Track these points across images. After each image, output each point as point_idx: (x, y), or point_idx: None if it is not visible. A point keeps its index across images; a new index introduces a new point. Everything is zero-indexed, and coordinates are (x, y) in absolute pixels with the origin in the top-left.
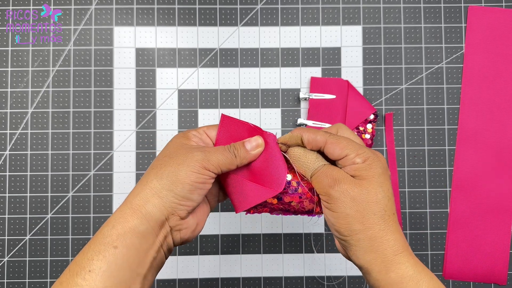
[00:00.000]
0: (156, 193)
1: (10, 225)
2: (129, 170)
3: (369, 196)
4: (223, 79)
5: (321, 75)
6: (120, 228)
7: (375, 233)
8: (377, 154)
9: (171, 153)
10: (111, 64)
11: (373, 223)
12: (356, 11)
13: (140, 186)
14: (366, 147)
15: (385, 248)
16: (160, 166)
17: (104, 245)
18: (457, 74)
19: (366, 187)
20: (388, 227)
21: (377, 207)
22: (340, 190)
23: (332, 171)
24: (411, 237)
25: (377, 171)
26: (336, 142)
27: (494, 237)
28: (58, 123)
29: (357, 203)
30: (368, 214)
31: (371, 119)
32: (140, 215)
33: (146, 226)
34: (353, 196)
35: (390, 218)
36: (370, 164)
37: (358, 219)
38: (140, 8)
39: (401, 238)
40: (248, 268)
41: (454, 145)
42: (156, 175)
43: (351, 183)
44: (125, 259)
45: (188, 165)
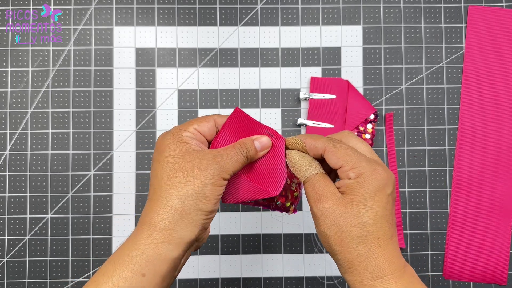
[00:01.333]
0: (186, 215)
1: (10, 225)
2: (129, 170)
3: (350, 218)
4: (223, 79)
5: (321, 75)
6: (151, 255)
7: (353, 257)
8: (375, 170)
9: (184, 168)
10: (111, 64)
11: (350, 247)
12: (356, 11)
13: (163, 207)
14: (367, 160)
15: (362, 273)
16: (180, 185)
17: (132, 271)
18: (457, 74)
19: (349, 208)
20: (369, 252)
21: (356, 232)
22: (322, 208)
23: (320, 184)
24: (411, 237)
25: (367, 191)
26: (334, 151)
27: (494, 237)
28: (58, 123)
29: (336, 225)
30: (347, 238)
31: (371, 119)
32: (172, 241)
33: (178, 252)
34: (334, 217)
35: (373, 242)
36: (361, 182)
37: (336, 241)
38: (140, 8)
39: (383, 263)
40: (248, 268)
41: (454, 145)
42: (179, 195)
43: (335, 202)
44: (151, 285)
45: (211, 182)
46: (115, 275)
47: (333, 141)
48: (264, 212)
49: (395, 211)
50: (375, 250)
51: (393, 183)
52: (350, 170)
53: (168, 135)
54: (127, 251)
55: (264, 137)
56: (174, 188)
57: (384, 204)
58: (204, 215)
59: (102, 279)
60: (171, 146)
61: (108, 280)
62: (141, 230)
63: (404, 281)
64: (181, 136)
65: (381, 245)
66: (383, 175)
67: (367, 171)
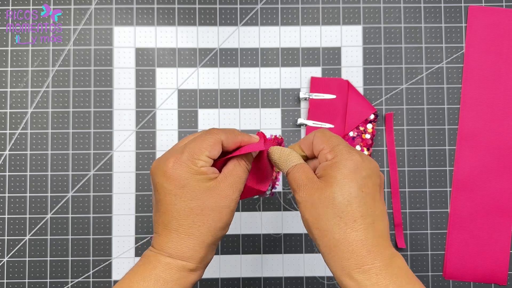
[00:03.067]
0: (214, 244)
1: (10, 225)
2: (129, 170)
3: (326, 200)
4: (223, 79)
5: (321, 75)
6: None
7: (329, 241)
8: (350, 153)
9: (209, 204)
10: (111, 64)
11: (326, 230)
12: (356, 11)
13: (196, 243)
14: (347, 145)
15: (341, 259)
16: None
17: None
18: (457, 74)
19: (325, 190)
20: (345, 236)
21: (331, 212)
22: (302, 195)
23: (299, 173)
24: (411, 237)
25: (341, 171)
26: (320, 135)
27: (495, 237)
28: (57, 123)
29: (315, 208)
30: (323, 220)
31: (371, 119)
32: (201, 268)
33: (203, 271)
34: (313, 201)
35: (348, 225)
36: (336, 162)
37: (314, 225)
38: (140, 8)
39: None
40: (248, 268)
41: (454, 145)
42: (209, 231)
43: (313, 187)
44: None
45: (233, 210)
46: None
47: (322, 130)
48: (264, 212)
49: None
50: (350, 234)
51: (370, 170)
52: (328, 152)
53: (183, 166)
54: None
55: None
56: (203, 225)
57: (359, 185)
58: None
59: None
60: (191, 181)
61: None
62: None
63: (388, 274)
64: (198, 169)
65: (358, 229)
66: (358, 159)
67: (343, 153)
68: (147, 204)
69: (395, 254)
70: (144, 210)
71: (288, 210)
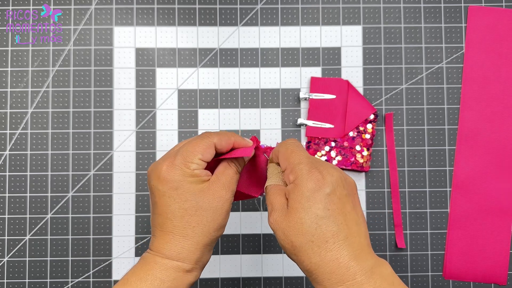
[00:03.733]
0: (209, 245)
1: (10, 225)
2: (129, 170)
3: (295, 226)
4: (223, 79)
5: (321, 75)
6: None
7: (309, 266)
8: (310, 172)
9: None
10: (111, 64)
11: (303, 257)
12: (356, 11)
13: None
14: (308, 162)
15: (322, 280)
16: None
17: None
18: (457, 74)
19: (292, 217)
20: (321, 259)
21: (303, 238)
22: (273, 221)
23: (270, 196)
24: (411, 237)
25: (303, 194)
26: (282, 152)
27: (494, 237)
28: (58, 123)
29: (286, 236)
30: (297, 247)
31: (371, 119)
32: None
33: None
34: (283, 229)
35: (322, 247)
36: (297, 184)
37: (291, 252)
38: (140, 8)
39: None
40: (248, 268)
41: (454, 145)
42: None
43: (282, 213)
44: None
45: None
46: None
47: (287, 142)
48: (264, 212)
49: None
50: (326, 255)
51: (332, 184)
52: (290, 173)
53: (176, 169)
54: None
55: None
56: (197, 226)
57: (325, 204)
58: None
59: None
60: (185, 183)
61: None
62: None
63: (370, 286)
64: (191, 171)
65: (333, 249)
66: (318, 176)
67: (303, 173)
68: (147, 204)
69: (377, 263)
70: (144, 210)
71: None
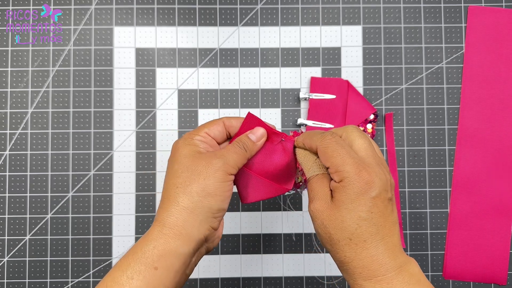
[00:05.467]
0: (192, 212)
1: (10, 225)
2: (129, 170)
3: (335, 222)
4: (223, 79)
5: (321, 75)
6: (162, 249)
7: (342, 258)
8: (359, 174)
9: (190, 167)
10: (111, 64)
11: (338, 249)
12: (356, 11)
13: (171, 206)
14: (354, 162)
15: (353, 273)
16: (185, 183)
17: (145, 265)
18: (457, 74)
19: (334, 212)
20: (355, 254)
21: (341, 235)
22: (313, 209)
23: (316, 185)
24: (411, 237)
25: (349, 196)
26: (322, 151)
27: (494, 237)
28: (58, 123)
29: (325, 226)
30: (334, 240)
31: (371, 119)
32: (181, 237)
33: (188, 248)
34: (322, 219)
35: (359, 245)
36: (343, 186)
37: (326, 241)
38: (140, 8)
39: (372, 264)
40: (248, 268)
41: (454, 145)
42: (184, 193)
43: (324, 204)
44: (163, 280)
45: (213, 176)
46: (129, 268)
47: (324, 139)
48: (264, 212)
49: (393, 210)
50: (361, 252)
51: (379, 188)
52: (334, 173)
53: (180, 140)
54: (140, 246)
55: (259, 129)
56: (180, 186)
57: (369, 208)
58: (211, 213)
59: (117, 273)
60: (181, 149)
61: (123, 273)
62: (154, 227)
63: (399, 282)
64: (192, 140)
65: (369, 247)
66: (367, 179)
67: (350, 175)
68: (147, 204)
69: (407, 261)
70: (144, 210)
71: (287, 210)
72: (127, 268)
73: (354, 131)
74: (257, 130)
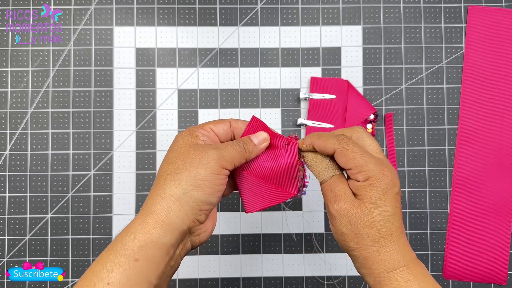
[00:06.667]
0: (177, 200)
1: (10, 225)
2: (129, 170)
3: (364, 218)
4: (223, 79)
5: (321, 75)
6: (142, 239)
7: (369, 253)
8: (382, 172)
9: (184, 155)
10: (111, 64)
11: (366, 245)
12: (356, 11)
13: (158, 193)
14: (374, 161)
15: (377, 266)
16: (176, 170)
17: (125, 257)
18: (457, 74)
19: (362, 210)
20: (383, 247)
21: (371, 230)
22: (338, 208)
23: (336, 185)
24: (411, 237)
25: (377, 193)
26: (342, 153)
27: (494, 237)
28: (58, 123)
29: (352, 224)
30: (362, 235)
31: (371, 119)
32: (163, 226)
33: (170, 237)
34: (349, 217)
35: (387, 238)
36: (371, 184)
37: (353, 239)
38: (140, 8)
39: (397, 256)
40: (248, 268)
41: (454, 145)
42: (173, 180)
43: (349, 202)
44: (144, 272)
45: (206, 167)
46: (109, 261)
47: (342, 142)
48: (264, 212)
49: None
50: (389, 245)
51: (399, 183)
52: (358, 173)
53: (184, 131)
54: (121, 237)
55: (261, 133)
56: (170, 173)
57: (394, 203)
58: (197, 205)
59: (97, 267)
60: (181, 138)
61: (103, 267)
62: (137, 216)
63: (416, 272)
64: (193, 132)
65: (394, 240)
66: (390, 176)
67: (375, 174)
68: None
69: (417, 258)
70: None
71: (287, 210)
72: (107, 261)
73: (363, 132)
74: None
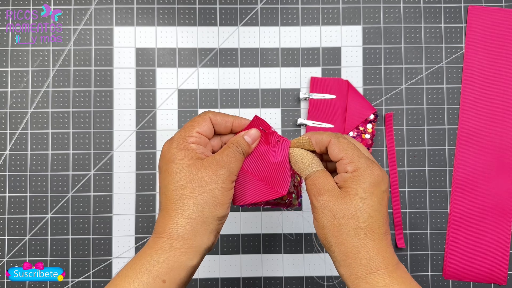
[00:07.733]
0: (203, 223)
1: (10, 225)
2: (129, 170)
3: (347, 211)
4: (223, 79)
5: (321, 75)
6: (172, 262)
7: (347, 249)
8: (371, 167)
9: (195, 177)
10: (111, 64)
11: (346, 239)
12: (356, 11)
13: (180, 217)
14: (366, 157)
15: (357, 266)
16: (193, 195)
17: (154, 278)
18: (457, 74)
19: (346, 201)
20: (363, 245)
21: (352, 223)
22: (321, 201)
23: (320, 179)
24: (411, 237)
25: (363, 185)
26: (337, 143)
27: (494, 237)
28: (58, 123)
29: (334, 216)
30: (343, 229)
31: (371, 119)
32: (192, 250)
33: (197, 260)
34: (332, 209)
35: (367, 235)
36: (358, 176)
37: (333, 232)
38: (140, 8)
39: (377, 257)
40: (248, 268)
41: (454, 145)
42: (195, 205)
43: (334, 195)
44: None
45: (221, 187)
46: (136, 280)
47: (338, 135)
48: (264, 212)
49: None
50: (369, 243)
51: (387, 182)
52: (348, 163)
53: (173, 143)
54: (149, 258)
55: (252, 130)
56: (188, 198)
57: (380, 200)
58: (219, 221)
59: (123, 283)
60: (178, 155)
61: (130, 284)
62: (160, 239)
63: (397, 276)
64: (187, 144)
65: (376, 239)
66: (379, 173)
67: (364, 166)
68: (147, 204)
69: (398, 261)
70: (144, 210)
71: (287, 210)
72: (135, 280)
73: (351, 138)
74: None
